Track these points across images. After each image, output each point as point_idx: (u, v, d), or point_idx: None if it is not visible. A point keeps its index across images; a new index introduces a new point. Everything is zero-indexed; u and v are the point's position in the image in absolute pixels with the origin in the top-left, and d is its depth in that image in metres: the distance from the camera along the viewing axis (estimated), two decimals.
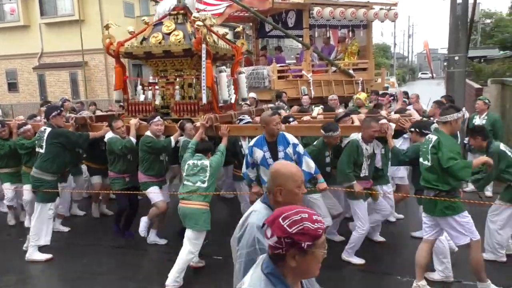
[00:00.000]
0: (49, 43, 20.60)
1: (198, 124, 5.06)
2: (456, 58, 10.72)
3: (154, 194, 5.26)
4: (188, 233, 4.35)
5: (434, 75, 55.39)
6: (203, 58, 5.12)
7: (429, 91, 20.83)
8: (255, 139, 4.41)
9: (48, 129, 5.13)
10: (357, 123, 5.04)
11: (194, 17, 5.37)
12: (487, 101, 6.97)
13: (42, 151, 5.10)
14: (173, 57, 5.48)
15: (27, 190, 5.78)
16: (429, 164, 3.89)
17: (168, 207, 5.47)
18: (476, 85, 14.11)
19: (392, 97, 8.67)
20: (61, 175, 5.47)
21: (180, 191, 4.53)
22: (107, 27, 5.77)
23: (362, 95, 7.56)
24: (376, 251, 5.09)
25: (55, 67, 20.72)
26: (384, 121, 4.82)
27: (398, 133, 5.01)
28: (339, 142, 4.87)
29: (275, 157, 4.21)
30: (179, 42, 5.28)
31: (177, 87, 5.52)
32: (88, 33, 19.23)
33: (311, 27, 9.78)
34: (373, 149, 4.75)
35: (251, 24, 11.56)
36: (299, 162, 4.21)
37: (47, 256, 5.12)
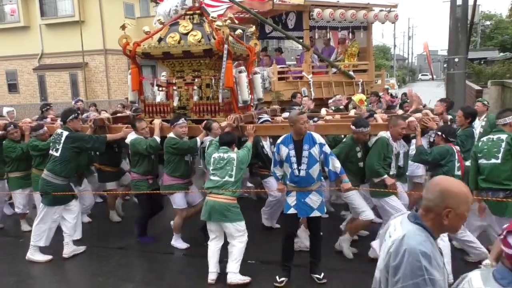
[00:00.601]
0: (49, 44, 20.61)
1: (223, 124, 5.04)
2: (456, 59, 10.75)
3: (178, 200, 5.19)
4: (230, 227, 4.36)
5: (434, 76, 55.33)
6: (224, 58, 5.09)
7: (429, 93, 20.88)
8: (282, 137, 4.40)
9: (65, 133, 5.02)
10: (380, 122, 5.08)
11: (212, 17, 5.35)
12: (486, 102, 6.97)
13: (56, 154, 4.98)
14: (191, 58, 5.42)
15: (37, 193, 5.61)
16: (499, 161, 4.08)
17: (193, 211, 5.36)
18: (476, 87, 14.14)
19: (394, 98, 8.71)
20: (76, 179, 5.41)
21: (207, 185, 4.49)
22: (123, 27, 5.67)
23: (357, 97, 7.56)
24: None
25: (55, 68, 20.73)
26: (412, 118, 4.86)
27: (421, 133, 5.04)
28: (368, 139, 4.89)
29: (299, 156, 4.21)
30: (199, 42, 5.24)
31: (195, 87, 5.47)
32: (89, 34, 19.26)
33: (311, 29, 9.79)
34: (399, 148, 4.84)
35: (251, 25, 11.58)
36: (325, 162, 4.23)
37: (48, 257, 5.06)
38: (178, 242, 5.38)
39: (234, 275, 4.30)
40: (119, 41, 5.71)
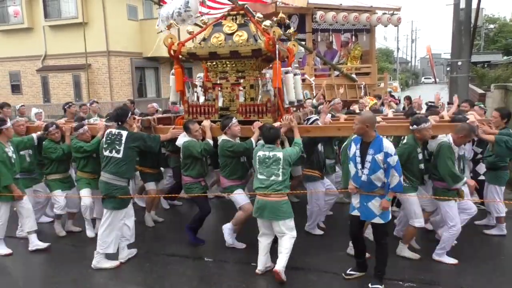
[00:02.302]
0: (52, 46, 20.68)
1: (276, 125, 4.95)
2: (459, 63, 10.71)
3: (240, 197, 5.17)
4: (279, 226, 4.39)
5: (437, 80, 55.22)
6: (276, 59, 5.07)
7: (432, 96, 20.78)
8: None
9: (125, 133, 4.85)
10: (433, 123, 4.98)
11: (258, 17, 5.32)
12: (482, 106, 6.94)
13: (118, 155, 4.79)
14: (237, 58, 5.37)
15: (85, 196, 5.59)
16: None
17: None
18: (480, 90, 14.08)
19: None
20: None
21: (255, 183, 4.49)
22: (169, 26, 5.63)
23: (371, 102, 7.47)
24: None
25: (58, 69, 20.79)
26: (472, 119, 4.93)
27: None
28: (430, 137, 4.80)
29: (363, 158, 4.15)
30: (247, 42, 5.22)
31: (241, 88, 5.42)
32: (92, 36, 19.30)
33: (314, 31, 9.79)
34: (460, 151, 4.85)
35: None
36: (386, 172, 4.08)
37: (116, 262, 4.93)
38: (231, 237, 5.31)
39: (282, 269, 4.31)
40: (164, 41, 5.55)
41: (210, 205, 5.48)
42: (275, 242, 4.58)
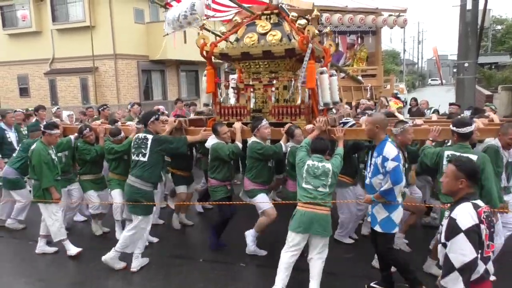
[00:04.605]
0: (60, 49, 20.84)
1: (308, 127, 4.83)
2: (466, 64, 10.66)
3: (263, 201, 4.99)
4: (322, 242, 4.11)
5: (443, 81, 54.89)
6: (306, 58, 4.88)
7: (438, 98, 20.72)
8: None
9: (150, 136, 4.86)
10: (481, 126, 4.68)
11: (293, 16, 5.22)
12: (493, 107, 6.86)
13: (144, 159, 4.80)
14: (270, 58, 5.24)
15: (117, 196, 5.63)
16: None
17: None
18: (487, 92, 14.01)
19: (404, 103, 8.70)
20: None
21: (300, 193, 4.17)
22: (202, 27, 5.55)
23: (395, 106, 7.37)
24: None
25: (66, 72, 20.94)
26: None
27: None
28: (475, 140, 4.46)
29: (370, 161, 4.07)
30: (280, 41, 5.08)
31: (273, 89, 5.29)
32: (99, 39, 19.44)
33: (320, 33, 9.78)
34: (510, 157, 4.46)
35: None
36: (384, 178, 3.94)
37: (123, 264, 4.95)
38: (253, 242, 5.18)
39: None
40: (196, 42, 5.48)
41: (232, 209, 5.25)
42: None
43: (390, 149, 3.89)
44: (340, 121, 5.42)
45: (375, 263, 4.67)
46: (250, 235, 5.17)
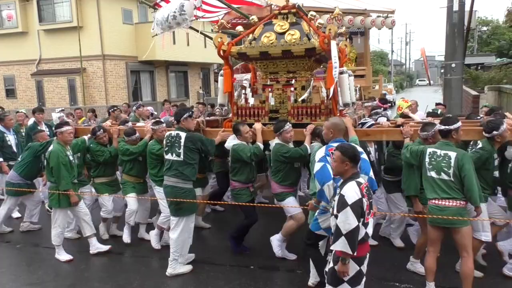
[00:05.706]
0: (47, 50, 20.61)
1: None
2: (453, 65, 10.78)
3: (291, 204, 4.91)
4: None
5: (431, 82, 55.47)
6: (333, 57, 4.75)
7: (426, 98, 20.93)
8: None
9: (183, 134, 4.68)
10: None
11: (312, 15, 5.13)
12: (488, 105, 6.91)
13: (180, 159, 4.63)
14: (289, 58, 5.12)
15: (132, 200, 5.54)
16: None
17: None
18: (473, 92, 14.18)
19: (389, 104, 8.73)
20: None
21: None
22: (220, 26, 5.39)
23: (405, 104, 7.31)
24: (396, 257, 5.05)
25: (53, 73, 20.72)
26: None
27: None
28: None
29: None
30: (300, 41, 4.96)
31: (292, 89, 5.17)
32: (87, 40, 19.26)
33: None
34: None
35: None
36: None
37: (190, 267, 4.87)
38: (281, 248, 5.08)
39: None
40: (214, 41, 5.37)
41: (257, 213, 5.15)
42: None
43: (321, 150, 3.89)
44: (359, 122, 5.36)
45: (410, 266, 4.68)
46: (275, 240, 5.07)
